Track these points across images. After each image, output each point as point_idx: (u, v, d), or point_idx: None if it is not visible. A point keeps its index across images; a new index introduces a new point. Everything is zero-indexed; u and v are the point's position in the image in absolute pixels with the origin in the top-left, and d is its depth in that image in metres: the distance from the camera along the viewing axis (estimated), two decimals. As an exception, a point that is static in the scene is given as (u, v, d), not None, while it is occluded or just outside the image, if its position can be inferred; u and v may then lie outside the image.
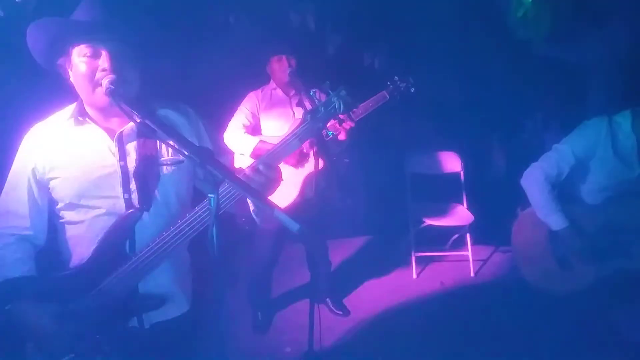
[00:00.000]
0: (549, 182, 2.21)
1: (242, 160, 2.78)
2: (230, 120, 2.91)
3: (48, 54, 1.38)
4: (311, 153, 2.72)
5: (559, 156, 2.22)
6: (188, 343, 1.59)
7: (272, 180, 1.36)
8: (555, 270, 2.28)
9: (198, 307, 1.62)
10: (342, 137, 2.64)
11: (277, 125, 2.86)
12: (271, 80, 2.97)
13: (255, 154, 2.74)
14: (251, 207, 1.46)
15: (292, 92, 2.93)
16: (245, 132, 2.82)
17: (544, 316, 2.72)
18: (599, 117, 2.22)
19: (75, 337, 1.37)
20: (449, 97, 4.06)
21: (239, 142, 2.79)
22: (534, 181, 2.25)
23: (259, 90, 2.97)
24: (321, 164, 2.75)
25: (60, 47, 1.36)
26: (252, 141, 2.77)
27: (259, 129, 2.91)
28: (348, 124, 2.55)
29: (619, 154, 2.16)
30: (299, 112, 2.87)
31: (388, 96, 2.74)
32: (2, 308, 1.34)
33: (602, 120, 2.19)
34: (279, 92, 2.94)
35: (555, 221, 2.19)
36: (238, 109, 2.93)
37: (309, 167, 2.76)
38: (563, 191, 2.27)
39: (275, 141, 2.78)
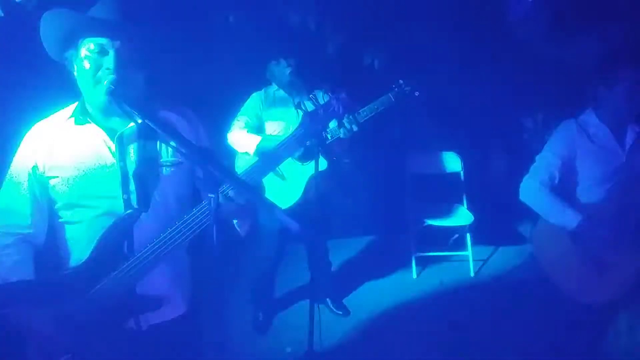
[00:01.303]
0: (546, 186, 2.22)
1: (247, 159, 2.78)
2: (232, 120, 2.91)
3: (59, 45, 1.40)
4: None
5: (544, 162, 2.27)
6: (186, 344, 1.59)
7: (242, 208, 1.35)
8: (594, 275, 2.18)
9: (197, 308, 1.62)
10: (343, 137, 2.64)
11: (281, 125, 2.86)
12: (273, 83, 2.98)
13: (259, 152, 2.75)
14: (235, 221, 1.46)
15: (295, 92, 2.93)
16: (248, 132, 2.83)
17: (544, 316, 2.72)
18: (565, 120, 2.32)
19: (71, 338, 1.36)
20: (449, 97, 4.07)
21: (243, 141, 2.79)
22: (532, 190, 2.25)
23: (262, 91, 2.97)
24: (322, 165, 2.75)
25: (71, 40, 1.38)
26: (255, 139, 2.77)
27: (262, 129, 2.91)
28: (352, 127, 2.55)
29: (598, 144, 2.22)
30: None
31: (394, 99, 2.74)
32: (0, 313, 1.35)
33: (569, 121, 2.29)
34: (281, 92, 2.95)
35: (569, 218, 2.16)
36: (241, 109, 2.93)
37: (313, 168, 2.76)
38: (564, 198, 2.25)
39: (279, 139, 2.78)
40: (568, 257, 2.23)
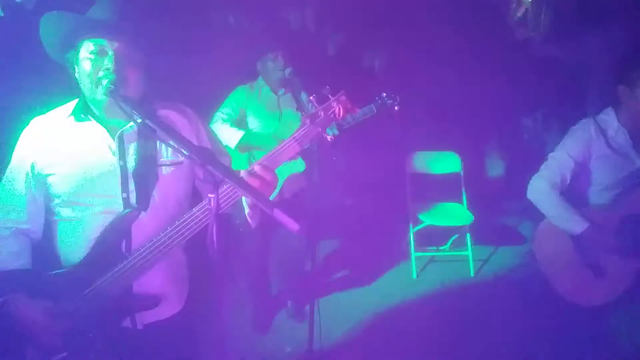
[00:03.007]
0: (556, 189, 2.18)
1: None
2: (215, 112, 2.92)
3: (59, 47, 1.41)
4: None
5: (558, 163, 2.21)
6: (183, 343, 1.59)
7: (268, 183, 1.35)
8: (590, 279, 2.18)
9: (194, 307, 1.62)
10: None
11: (263, 123, 2.88)
12: (259, 77, 2.97)
13: (240, 147, 2.76)
14: (246, 210, 1.46)
15: (281, 92, 2.93)
16: (230, 125, 2.82)
17: (544, 316, 2.71)
18: (584, 119, 2.24)
19: (67, 335, 1.37)
20: (449, 97, 4.07)
21: (224, 135, 2.78)
22: (541, 192, 2.21)
23: (247, 85, 2.97)
24: (304, 166, 2.79)
25: (70, 42, 1.39)
26: (236, 134, 2.78)
27: (243, 124, 2.91)
28: (334, 132, 2.56)
29: (614, 149, 2.17)
30: (286, 113, 2.89)
31: (376, 110, 2.78)
32: None
33: (588, 121, 2.22)
34: (268, 90, 2.95)
35: (575, 225, 2.14)
36: (225, 101, 2.93)
37: (289, 167, 2.78)
38: (572, 198, 2.23)
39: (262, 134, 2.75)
40: (567, 259, 2.22)
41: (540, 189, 2.22)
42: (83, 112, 1.45)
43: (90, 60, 1.36)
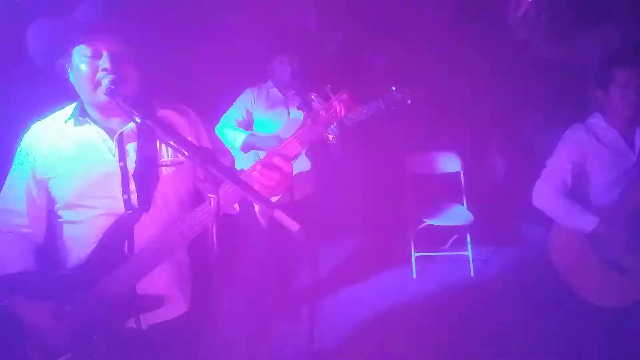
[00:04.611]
0: (559, 191, 2.20)
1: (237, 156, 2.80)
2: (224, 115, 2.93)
3: (48, 55, 1.38)
4: (303, 154, 2.72)
5: (555, 167, 2.24)
6: (186, 344, 1.59)
7: (286, 174, 1.32)
8: (615, 278, 2.15)
9: (197, 308, 1.62)
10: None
11: (271, 124, 2.88)
12: (269, 79, 2.98)
13: (244, 148, 2.75)
14: (257, 208, 1.45)
15: (290, 93, 2.94)
16: (236, 126, 2.83)
17: (544, 316, 2.72)
18: (573, 124, 2.28)
19: (72, 337, 1.37)
20: (448, 98, 4.07)
21: (228, 135, 2.80)
22: (546, 197, 2.23)
23: (256, 88, 2.98)
24: (309, 165, 2.77)
25: (60, 48, 1.36)
26: (241, 134, 2.78)
27: (251, 126, 2.91)
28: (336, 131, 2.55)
29: (608, 146, 2.20)
30: (294, 112, 2.89)
31: (383, 105, 2.74)
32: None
33: (577, 126, 2.26)
34: (276, 91, 2.95)
35: (586, 222, 2.14)
36: (233, 104, 2.94)
37: (298, 167, 2.78)
38: (579, 202, 2.24)
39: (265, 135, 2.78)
40: (587, 261, 2.21)
41: (544, 194, 2.24)
42: (81, 114, 1.44)
43: (86, 64, 1.34)
